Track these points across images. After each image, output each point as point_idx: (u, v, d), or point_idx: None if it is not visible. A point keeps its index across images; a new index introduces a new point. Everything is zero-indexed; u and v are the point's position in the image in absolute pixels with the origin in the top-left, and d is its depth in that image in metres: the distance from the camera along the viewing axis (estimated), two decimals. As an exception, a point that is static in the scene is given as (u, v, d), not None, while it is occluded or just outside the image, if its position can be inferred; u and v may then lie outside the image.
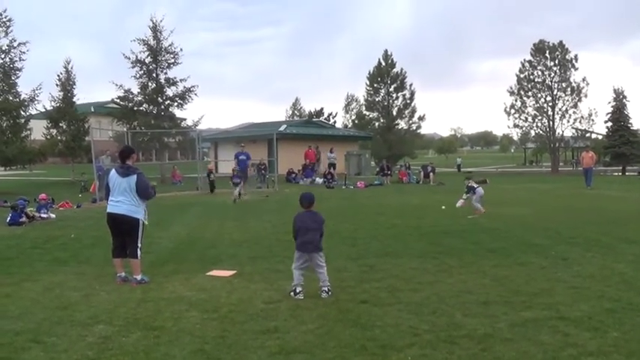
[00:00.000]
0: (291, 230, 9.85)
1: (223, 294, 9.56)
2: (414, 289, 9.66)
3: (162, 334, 7.49)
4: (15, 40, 36.41)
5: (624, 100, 61.11)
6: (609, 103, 61.63)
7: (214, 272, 11.11)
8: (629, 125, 60.70)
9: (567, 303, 8.67)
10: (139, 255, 10.46)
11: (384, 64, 68.05)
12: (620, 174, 55.79)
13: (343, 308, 8.60)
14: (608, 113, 61.34)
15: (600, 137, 65.76)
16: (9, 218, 18.61)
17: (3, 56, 36.09)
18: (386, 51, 68.64)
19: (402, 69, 68.54)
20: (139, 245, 10.48)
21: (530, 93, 61.03)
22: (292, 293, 9.28)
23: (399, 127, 68.90)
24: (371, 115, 71.04)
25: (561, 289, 9.54)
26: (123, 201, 10.38)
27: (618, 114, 60.41)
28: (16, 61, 36.42)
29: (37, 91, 37.16)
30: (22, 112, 36.91)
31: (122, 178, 10.43)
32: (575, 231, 15.89)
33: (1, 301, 9.15)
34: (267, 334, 7.40)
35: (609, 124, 61.26)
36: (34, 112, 39.29)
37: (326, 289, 9.31)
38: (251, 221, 18.75)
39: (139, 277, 10.38)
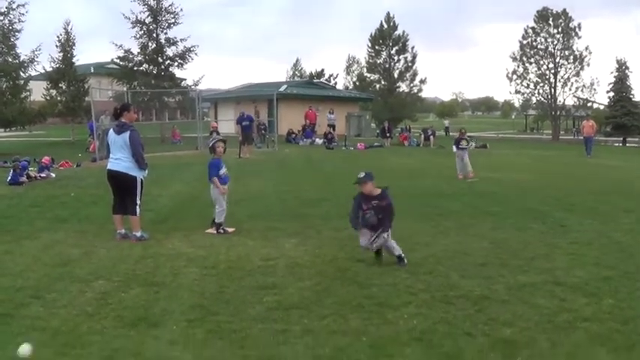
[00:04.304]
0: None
1: (222, 250, 9.63)
2: (411, 249, 9.68)
3: (161, 289, 7.56)
4: (14, 2, 35.89)
5: (627, 71, 60.85)
6: (611, 73, 61.40)
7: (213, 229, 11.15)
8: (631, 96, 60.47)
9: (564, 268, 8.71)
10: (138, 212, 10.52)
11: (386, 26, 67.59)
12: (620, 145, 55.64)
13: (341, 266, 8.68)
14: (610, 83, 61.15)
15: (602, 107, 65.54)
16: (9, 178, 18.59)
17: (2, 18, 35.63)
18: (388, 13, 68.22)
19: (403, 31, 68.13)
20: (138, 202, 10.53)
21: (532, 60, 60.80)
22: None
23: (400, 89, 68.58)
24: (372, 77, 70.70)
25: (558, 255, 9.58)
26: (121, 158, 10.42)
27: (620, 84, 60.16)
28: (15, 22, 35.98)
29: (36, 52, 36.84)
30: (22, 74, 36.58)
31: (117, 135, 10.46)
32: (574, 198, 15.92)
33: (1, 258, 9.20)
34: (265, 290, 7.47)
35: (611, 94, 61.05)
36: (33, 73, 39.03)
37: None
38: (250, 180, 18.78)
39: (138, 234, 10.45)
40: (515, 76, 61.44)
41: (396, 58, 67.88)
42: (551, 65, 59.98)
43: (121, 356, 5.49)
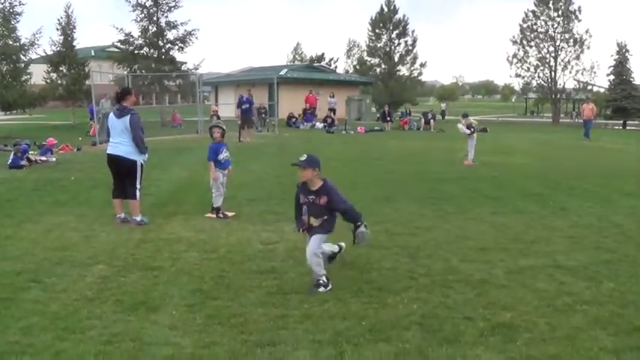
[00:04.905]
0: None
1: (222, 235, 9.65)
2: (411, 234, 9.73)
3: (161, 274, 7.58)
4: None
5: (627, 54, 60.67)
6: (612, 56, 61.22)
7: (213, 214, 11.15)
8: (631, 79, 60.28)
9: (564, 252, 8.73)
10: (137, 196, 10.53)
11: (386, 9, 67.26)
12: (620, 128, 55.56)
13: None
14: (610, 66, 60.96)
15: (602, 90, 65.34)
16: (10, 161, 18.59)
17: (3, 1, 35.57)
18: (389, -4, 67.84)
19: (404, 15, 67.79)
20: (138, 186, 10.54)
21: (532, 43, 60.59)
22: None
23: (401, 73, 68.33)
24: (372, 61, 70.38)
25: (558, 238, 9.60)
26: (121, 142, 10.41)
27: (620, 68, 59.97)
28: (16, 5, 35.94)
29: (37, 35, 36.85)
30: (22, 57, 36.57)
31: (118, 119, 10.45)
32: (574, 182, 15.91)
33: (1, 243, 9.21)
34: (265, 275, 7.49)
35: (611, 77, 60.89)
36: (34, 56, 39.00)
37: None
38: (251, 164, 18.78)
39: (138, 218, 10.45)
40: (515, 60, 61.34)
41: (396, 41, 67.52)
42: (551, 48, 59.80)
43: (121, 341, 5.50)
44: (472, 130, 20.31)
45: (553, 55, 59.65)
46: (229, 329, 5.82)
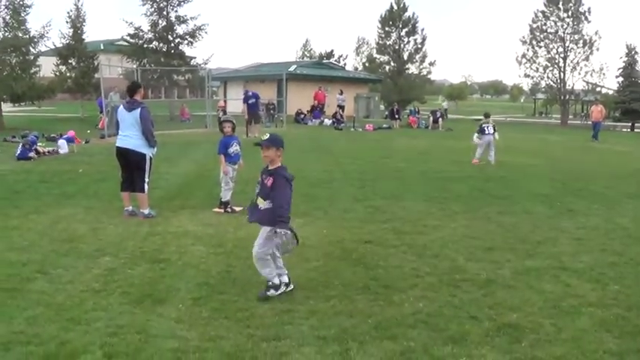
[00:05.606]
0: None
1: (229, 229, 9.67)
2: (418, 232, 9.73)
3: (167, 267, 7.60)
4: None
5: (636, 57, 60.35)
6: (621, 58, 60.91)
7: (221, 208, 11.16)
8: (640, 81, 60.02)
9: (570, 253, 8.72)
10: (146, 189, 10.56)
11: (396, 7, 67.14)
12: (628, 130, 55.34)
13: (347, 248, 8.69)
14: (619, 68, 60.63)
15: (611, 92, 65.05)
16: (18, 153, 18.66)
17: (13, -7, 35.58)
18: (398, -6, 67.68)
19: (413, 13, 67.62)
20: (147, 180, 10.56)
21: (542, 43, 60.28)
22: None
23: (410, 71, 68.20)
24: (381, 59, 70.23)
25: (565, 240, 9.58)
26: (130, 135, 10.44)
27: (629, 70, 59.60)
28: (26, -3, 35.96)
29: (46, 28, 36.83)
30: (32, 49, 36.56)
31: (128, 112, 10.49)
32: (582, 183, 15.89)
33: (8, 233, 9.23)
34: (272, 270, 7.47)
35: (620, 79, 60.60)
36: (43, 48, 38.95)
37: None
38: (259, 159, 18.77)
39: (146, 211, 10.48)
40: (524, 60, 60.97)
41: (405, 39, 67.37)
42: (560, 49, 59.47)
43: (126, 333, 5.51)
44: (480, 129, 20.43)
45: (562, 55, 59.36)
46: (235, 323, 5.83)
